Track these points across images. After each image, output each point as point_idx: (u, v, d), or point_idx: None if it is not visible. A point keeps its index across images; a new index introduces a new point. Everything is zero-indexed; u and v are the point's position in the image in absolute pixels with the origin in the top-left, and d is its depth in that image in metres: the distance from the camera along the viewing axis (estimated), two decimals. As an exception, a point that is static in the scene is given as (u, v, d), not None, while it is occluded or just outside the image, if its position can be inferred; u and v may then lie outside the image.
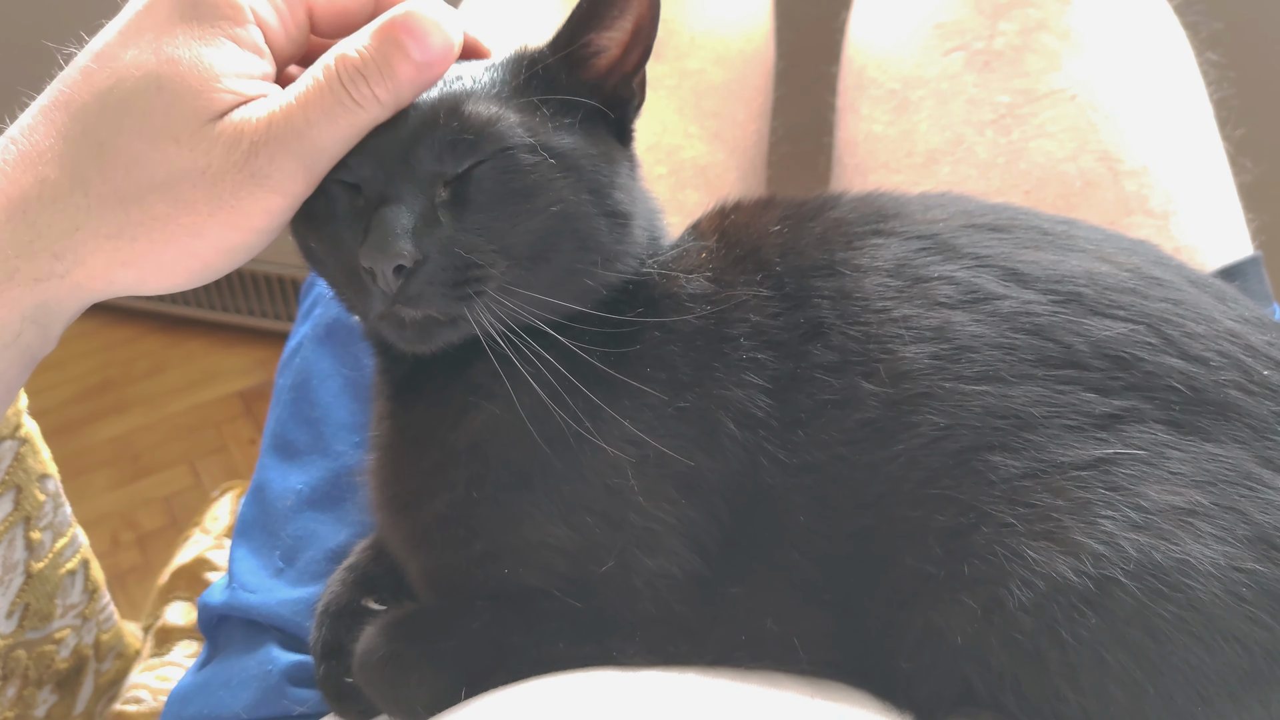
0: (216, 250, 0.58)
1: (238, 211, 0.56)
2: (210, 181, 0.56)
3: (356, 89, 0.56)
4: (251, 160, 0.56)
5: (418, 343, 0.62)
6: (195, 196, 0.56)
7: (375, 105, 0.56)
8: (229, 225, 0.57)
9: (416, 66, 0.57)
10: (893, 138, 0.98)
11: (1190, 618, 0.53)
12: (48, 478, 1.04)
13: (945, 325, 0.61)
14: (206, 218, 0.56)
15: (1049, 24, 0.95)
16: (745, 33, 1.07)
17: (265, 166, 0.56)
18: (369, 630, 0.66)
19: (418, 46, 0.56)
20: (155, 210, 0.56)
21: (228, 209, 0.56)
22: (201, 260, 0.59)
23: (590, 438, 0.61)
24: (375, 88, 0.56)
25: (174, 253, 0.58)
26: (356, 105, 0.56)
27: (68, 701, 1.13)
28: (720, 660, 0.62)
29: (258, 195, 0.56)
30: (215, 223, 0.57)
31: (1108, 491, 0.56)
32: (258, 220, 0.57)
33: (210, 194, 0.56)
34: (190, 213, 0.56)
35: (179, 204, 0.56)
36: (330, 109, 0.56)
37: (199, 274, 0.60)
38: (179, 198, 0.56)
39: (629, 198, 0.65)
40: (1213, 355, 0.60)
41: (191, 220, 0.57)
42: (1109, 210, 0.89)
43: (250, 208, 0.57)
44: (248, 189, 0.56)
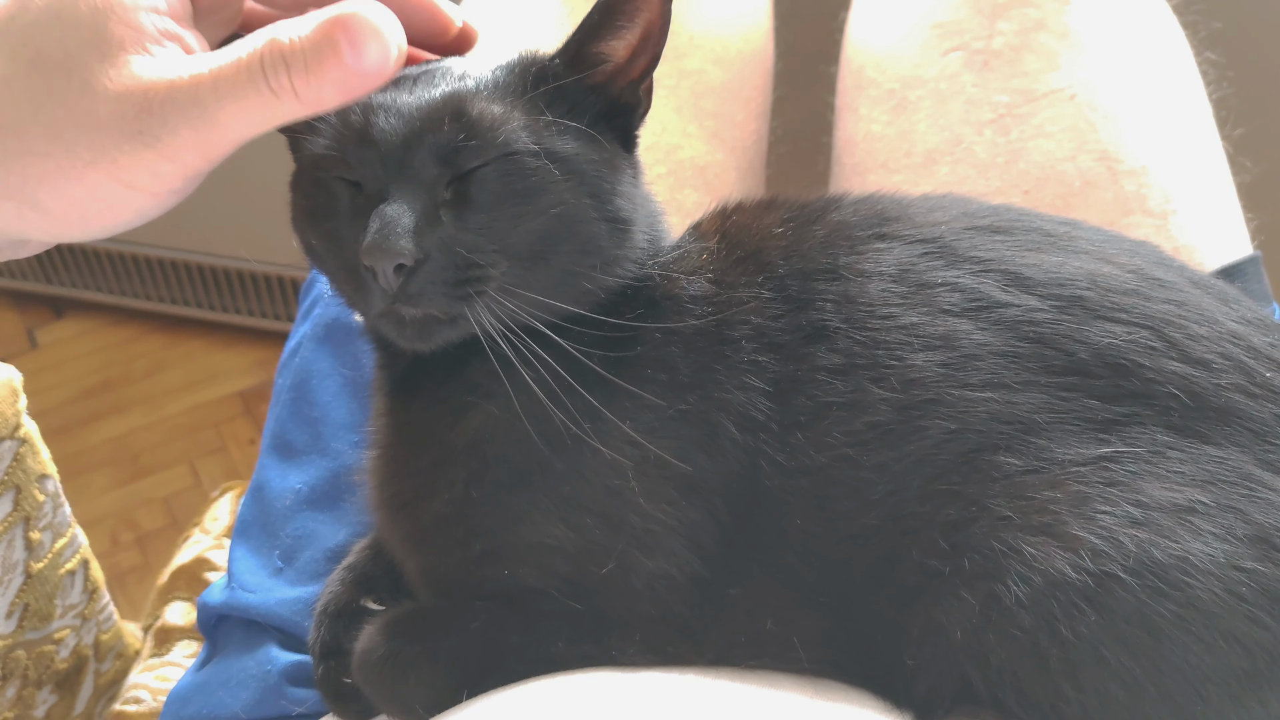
0: (98, 201, 0.54)
1: (120, 165, 0.53)
2: (96, 127, 0.52)
3: (276, 77, 0.52)
4: (144, 117, 0.52)
5: (417, 341, 0.62)
6: (77, 139, 0.52)
7: (291, 99, 0.52)
8: (110, 177, 0.53)
9: (346, 71, 0.52)
10: (891, 138, 0.98)
11: (1190, 616, 0.53)
12: (47, 478, 1.04)
13: (951, 333, 0.61)
14: (87, 164, 0.53)
15: (1047, 24, 0.95)
16: (744, 32, 1.07)
17: (156, 128, 0.52)
18: (368, 630, 0.66)
19: (352, 52, 0.52)
20: (34, 144, 0.53)
21: (110, 160, 0.52)
22: (83, 209, 0.55)
23: (590, 438, 0.61)
24: (296, 80, 0.52)
25: (50, 194, 0.54)
26: (271, 93, 0.52)
27: (67, 702, 1.13)
28: (720, 660, 0.63)
29: (144, 155, 0.52)
30: (96, 171, 0.53)
31: (1107, 487, 0.56)
32: (144, 180, 0.54)
33: (94, 141, 0.52)
34: (69, 154, 0.53)
35: (59, 142, 0.52)
36: (242, 88, 0.52)
37: (82, 224, 0.56)
38: (60, 136, 0.52)
39: (630, 204, 0.65)
40: (1215, 358, 0.60)
41: (70, 163, 0.53)
42: (1108, 210, 0.89)
43: (134, 164, 0.53)
44: (133, 144, 0.52)
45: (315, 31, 0.52)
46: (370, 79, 0.53)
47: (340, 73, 0.52)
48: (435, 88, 0.62)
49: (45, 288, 2.15)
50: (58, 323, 2.18)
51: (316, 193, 0.62)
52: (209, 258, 2.01)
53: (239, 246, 1.97)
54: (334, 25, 0.52)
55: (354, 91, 0.53)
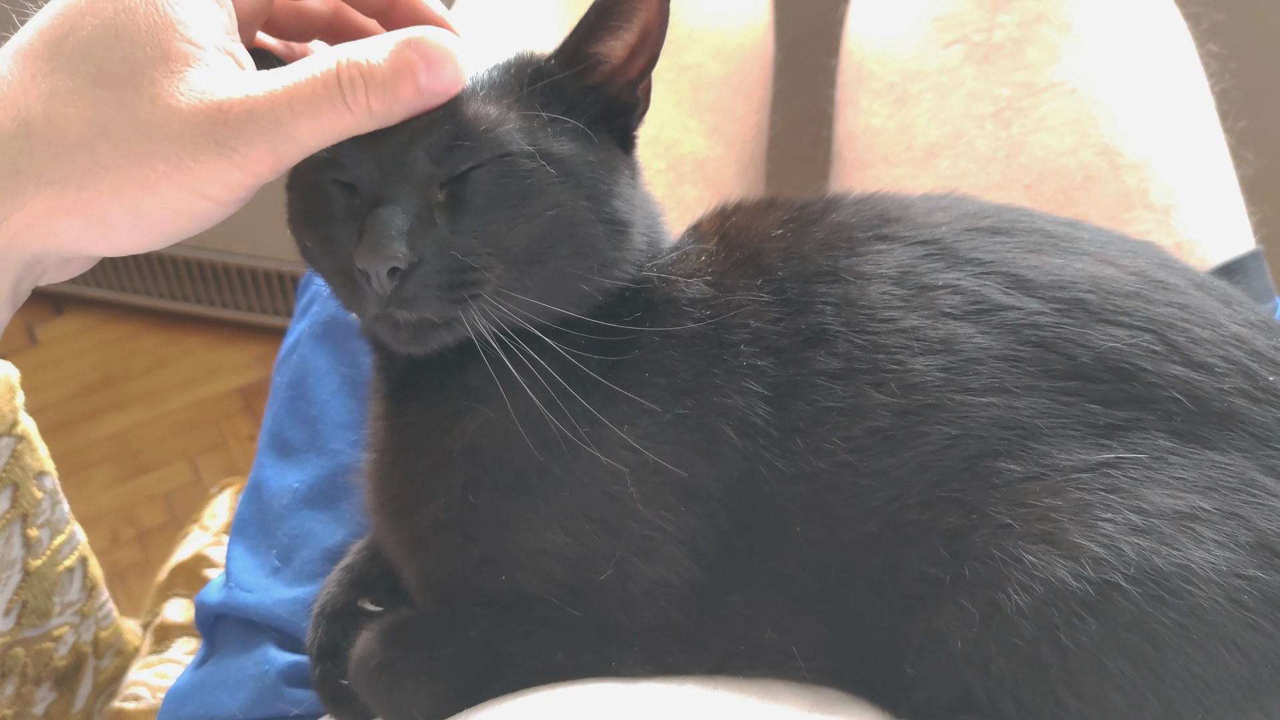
0: (166, 211, 0.56)
1: (194, 175, 0.54)
2: (169, 139, 0.54)
3: (354, 94, 0.55)
4: (219, 128, 0.54)
5: (412, 344, 0.61)
6: (150, 151, 0.54)
7: (365, 114, 0.56)
8: (183, 187, 0.55)
9: (419, 92, 0.56)
10: (892, 131, 0.98)
11: (1191, 624, 0.53)
12: (45, 475, 1.04)
13: (952, 337, 0.60)
14: (161, 176, 0.54)
15: (1049, 16, 0.94)
16: (744, 26, 1.06)
17: (233, 139, 0.54)
18: (365, 636, 0.66)
19: (429, 74, 0.56)
20: (104, 159, 0.54)
21: (184, 170, 0.54)
22: (149, 220, 0.56)
23: (588, 444, 0.60)
24: (373, 99, 0.55)
25: (120, 207, 0.55)
26: (346, 109, 0.55)
27: (66, 699, 1.13)
28: (719, 669, 0.62)
29: (218, 165, 0.54)
30: (169, 182, 0.54)
31: (1107, 494, 0.56)
32: (215, 189, 0.55)
33: (168, 152, 0.54)
34: (143, 166, 0.54)
35: (131, 155, 0.54)
36: (318, 104, 0.55)
37: (148, 236, 0.58)
38: (131, 149, 0.54)
39: (628, 206, 0.64)
40: (1218, 361, 0.59)
41: (144, 174, 0.54)
42: (1109, 204, 0.89)
43: (208, 174, 0.54)
44: (209, 155, 0.54)
45: (394, 54, 0.56)
46: (439, 98, 0.58)
47: (413, 92, 0.56)
48: None
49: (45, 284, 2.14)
50: (58, 319, 2.18)
51: (311, 195, 0.62)
52: (209, 253, 2.00)
53: (238, 242, 1.97)
54: (412, 48, 0.56)
55: (421, 108, 0.57)
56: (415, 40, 0.56)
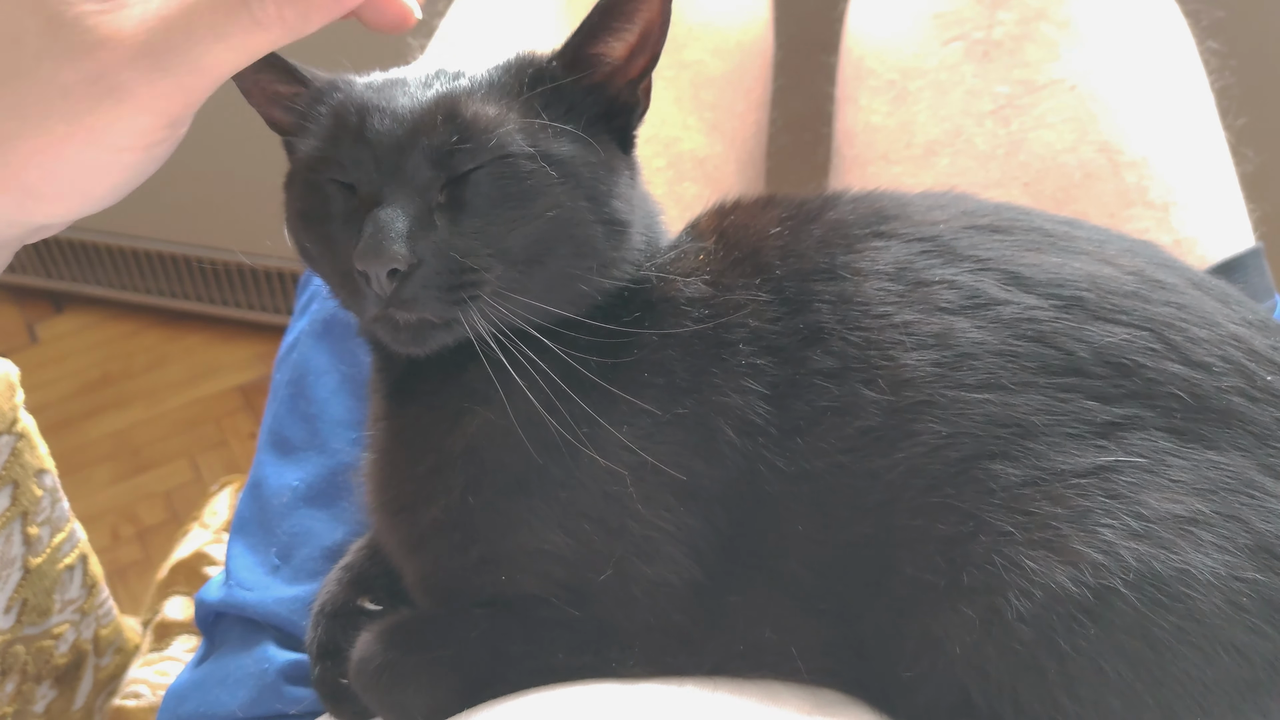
0: (87, 171, 0.51)
1: (95, 131, 0.49)
2: (61, 96, 0.48)
3: (261, 3, 0.48)
4: (111, 74, 0.48)
5: (412, 345, 0.61)
6: (45, 113, 0.49)
7: (278, 26, 0.49)
8: (90, 144, 0.50)
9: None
10: (891, 128, 0.98)
11: (1190, 628, 0.53)
12: (45, 473, 1.04)
13: (947, 332, 0.60)
14: (64, 136, 0.49)
15: (1048, 13, 0.94)
16: (744, 23, 1.06)
17: (129, 80, 0.48)
18: (365, 636, 0.66)
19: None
20: (5, 127, 0.49)
21: (85, 127, 0.49)
22: (74, 183, 0.52)
23: (587, 445, 0.60)
24: (284, 6, 0.49)
25: (37, 174, 0.51)
26: (255, 24, 0.48)
27: (67, 696, 1.13)
28: (718, 670, 0.62)
29: (119, 112, 0.49)
30: (75, 141, 0.49)
31: (1107, 499, 0.55)
32: (125, 139, 0.50)
33: (63, 111, 0.49)
34: (42, 129, 0.49)
35: (29, 120, 0.49)
36: (223, 24, 0.48)
37: (79, 198, 0.53)
38: (26, 114, 0.49)
39: (627, 206, 0.64)
40: (1215, 361, 0.59)
41: (46, 139, 0.49)
42: (1109, 202, 0.88)
43: (111, 125, 0.49)
44: (106, 105, 0.48)
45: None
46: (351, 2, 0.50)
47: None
48: (430, 89, 0.61)
49: (45, 282, 2.15)
50: (58, 317, 2.18)
51: (310, 195, 0.62)
52: (209, 251, 2.00)
53: (238, 240, 1.97)
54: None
55: (338, 13, 0.51)
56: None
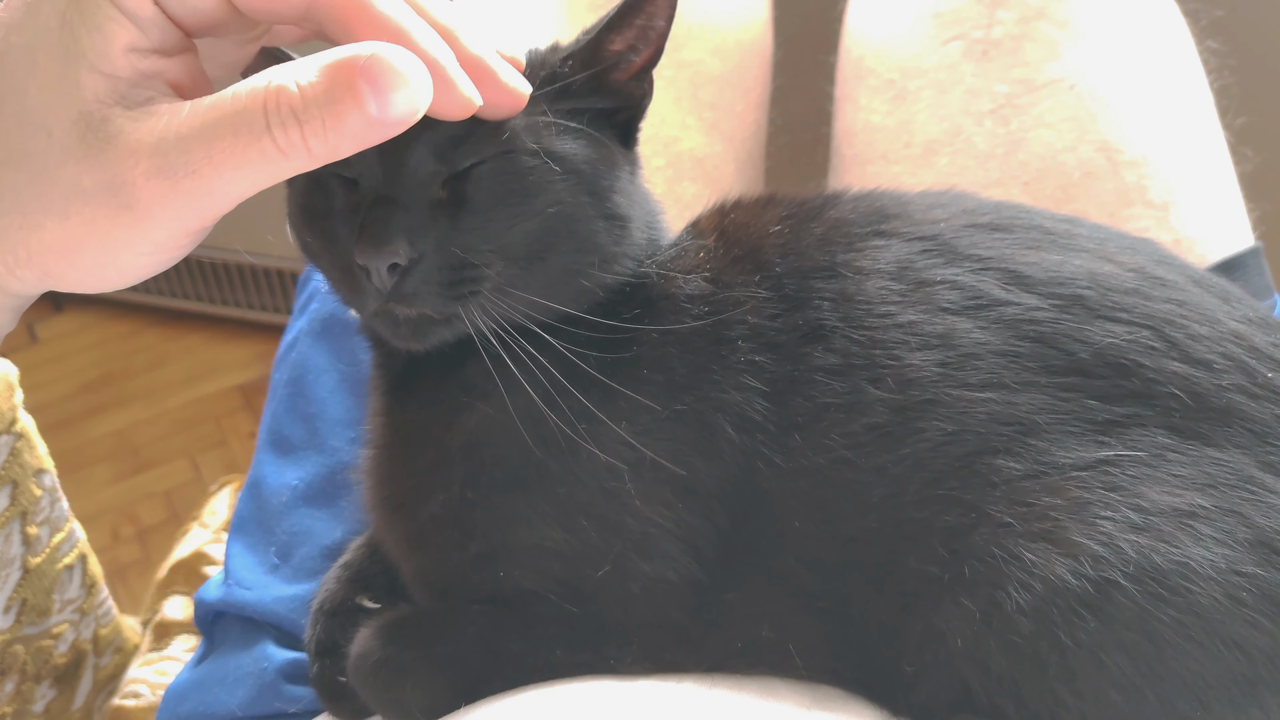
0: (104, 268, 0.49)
1: (112, 238, 0.47)
2: (81, 199, 0.47)
3: (285, 133, 0.45)
4: (127, 190, 0.46)
5: (412, 341, 0.61)
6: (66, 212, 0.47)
7: (302, 156, 0.45)
8: (107, 248, 0.48)
9: (368, 124, 0.45)
10: (891, 128, 0.97)
11: (1190, 622, 0.53)
12: (44, 473, 1.04)
13: (950, 332, 0.60)
14: (81, 240, 0.48)
15: (1048, 12, 0.94)
16: (743, 23, 1.06)
17: (146, 199, 0.46)
18: (364, 633, 0.66)
19: (377, 102, 0.44)
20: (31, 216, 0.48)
21: (100, 234, 0.47)
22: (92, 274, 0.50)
23: (586, 441, 0.60)
24: (310, 137, 0.45)
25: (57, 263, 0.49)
26: (278, 153, 0.45)
27: (66, 696, 1.13)
28: (717, 667, 0.62)
29: (135, 225, 0.47)
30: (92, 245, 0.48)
31: (1107, 492, 0.55)
32: (141, 248, 0.49)
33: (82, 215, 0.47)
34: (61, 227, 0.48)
35: (50, 214, 0.48)
36: (243, 151, 0.45)
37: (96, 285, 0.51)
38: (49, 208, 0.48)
39: (628, 200, 0.64)
40: (1216, 358, 0.59)
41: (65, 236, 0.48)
42: (1108, 201, 0.88)
43: (127, 237, 0.47)
44: (123, 216, 0.47)
45: (327, 77, 0.45)
46: (392, 130, 0.46)
47: (361, 125, 0.45)
48: None
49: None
50: (58, 317, 2.19)
51: (312, 190, 0.62)
52: (208, 251, 2.00)
53: (238, 240, 1.97)
54: (352, 70, 0.44)
55: (372, 143, 0.46)
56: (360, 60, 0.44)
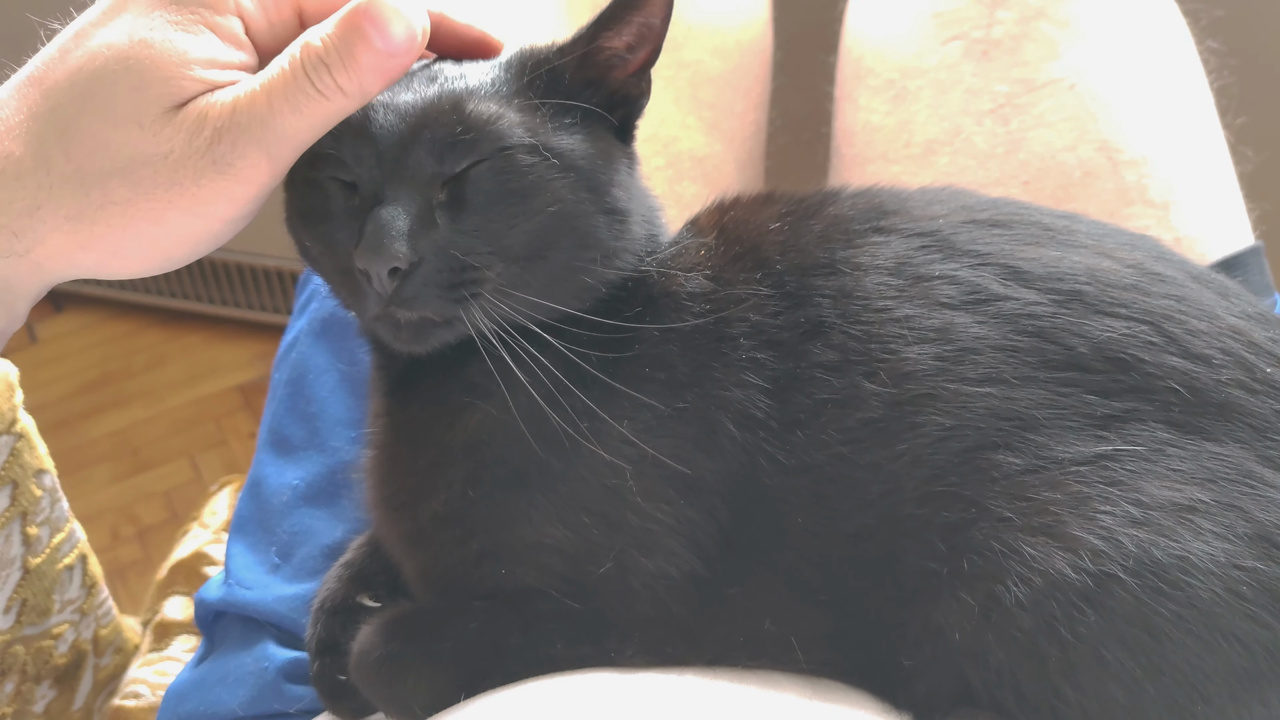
0: (179, 237, 0.58)
1: (199, 199, 0.56)
2: (171, 167, 0.55)
3: (320, 78, 0.55)
4: (215, 146, 0.55)
5: (413, 343, 0.61)
6: (156, 182, 0.55)
7: (339, 95, 0.56)
8: (190, 212, 0.56)
9: (379, 55, 0.56)
10: (891, 128, 0.98)
11: (1190, 616, 0.53)
12: (44, 473, 1.04)
13: (948, 326, 0.60)
14: (167, 204, 0.56)
15: (1048, 12, 0.94)
16: (743, 22, 1.06)
17: (228, 154, 0.55)
18: (365, 630, 0.66)
19: (379, 35, 0.55)
20: (115, 194, 0.56)
21: (189, 196, 0.56)
22: (162, 247, 0.58)
23: (588, 439, 0.60)
24: (338, 76, 0.55)
25: (134, 238, 0.57)
26: (320, 94, 0.55)
27: (66, 696, 1.13)
28: (718, 661, 0.62)
29: (220, 183, 0.56)
30: (176, 210, 0.56)
31: (1107, 487, 0.56)
32: (221, 208, 0.57)
33: (171, 180, 0.55)
34: (150, 198, 0.56)
35: (139, 189, 0.56)
36: (295, 97, 0.55)
37: (161, 261, 0.60)
38: (139, 183, 0.56)
39: (627, 195, 0.65)
40: (1215, 353, 0.59)
41: (151, 206, 0.56)
42: (1108, 200, 0.89)
43: (212, 195, 0.56)
44: (209, 176, 0.55)
45: (339, 26, 0.56)
46: (402, 57, 0.57)
47: (374, 57, 0.56)
48: (433, 85, 0.61)
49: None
50: (57, 317, 2.18)
51: (310, 193, 0.62)
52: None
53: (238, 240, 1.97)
54: (355, 15, 0.56)
55: (394, 71, 0.57)
56: (359, 6, 0.56)
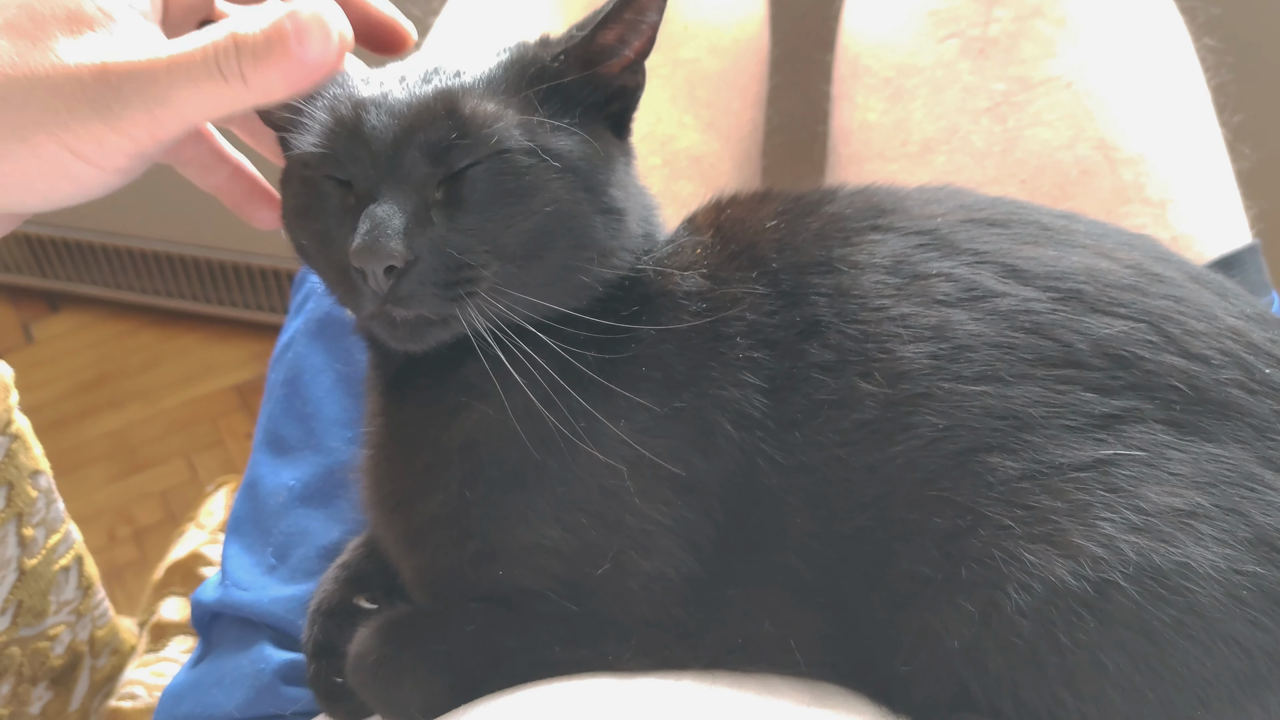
0: (42, 166, 0.56)
1: (70, 131, 0.55)
2: (50, 91, 0.55)
3: (228, 63, 0.55)
4: (99, 87, 0.55)
5: (409, 342, 0.61)
6: (28, 100, 0.55)
7: (240, 85, 0.55)
8: (58, 143, 0.55)
9: (291, 63, 0.56)
10: (887, 126, 0.97)
11: (1190, 621, 0.53)
12: (40, 474, 1.04)
13: (944, 324, 0.60)
14: (36, 126, 0.55)
15: (1044, 11, 0.94)
16: (740, 21, 1.06)
17: (110, 100, 0.55)
18: (362, 632, 0.66)
19: (298, 44, 0.56)
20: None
21: (60, 125, 0.55)
22: (26, 173, 0.57)
23: (585, 439, 0.60)
24: (246, 68, 0.55)
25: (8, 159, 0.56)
26: (222, 78, 0.55)
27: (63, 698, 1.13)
28: (716, 663, 0.62)
29: (94, 125, 0.55)
30: (44, 134, 0.55)
31: (1107, 493, 0.55)
32: (90, 150, 0.56)
33: (46, 103, 0.55)
34: (19, 113, 0.55)
35: (9, 102, 0.55)
36: (196, 71, 0.55)
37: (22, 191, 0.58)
38: (10, 96, 0.55)
39: (624, 193, 0.65)
40: (1214, 353, 0.59)
41: (20, 122, 0.55)
42: (1106, 199, 0.88)
43: (84, 133, 0.55)
44: (85, 113, 0.55)
45: (269, 25, 0.56)
46: (313, 70, 0.56)
47: (286, 63, 0.56)
48: (428, 84, 0.61)
49: (40, 282, 2.14)
50: (53, 317, 2.18)
51: (305, 192, 0.62)
52: (204, 250, 2.00)
53: (234, 239, 1.97)
54: (285, 18, 0.56)
55: (299, 82, 0.56)
56: (292, 11, 0.56)
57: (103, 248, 2.05)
